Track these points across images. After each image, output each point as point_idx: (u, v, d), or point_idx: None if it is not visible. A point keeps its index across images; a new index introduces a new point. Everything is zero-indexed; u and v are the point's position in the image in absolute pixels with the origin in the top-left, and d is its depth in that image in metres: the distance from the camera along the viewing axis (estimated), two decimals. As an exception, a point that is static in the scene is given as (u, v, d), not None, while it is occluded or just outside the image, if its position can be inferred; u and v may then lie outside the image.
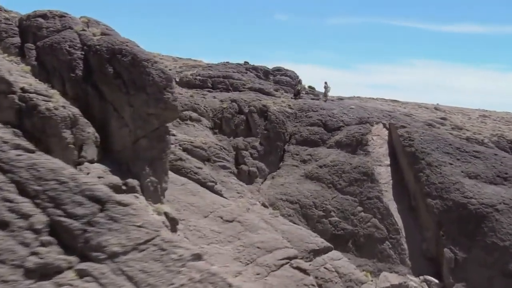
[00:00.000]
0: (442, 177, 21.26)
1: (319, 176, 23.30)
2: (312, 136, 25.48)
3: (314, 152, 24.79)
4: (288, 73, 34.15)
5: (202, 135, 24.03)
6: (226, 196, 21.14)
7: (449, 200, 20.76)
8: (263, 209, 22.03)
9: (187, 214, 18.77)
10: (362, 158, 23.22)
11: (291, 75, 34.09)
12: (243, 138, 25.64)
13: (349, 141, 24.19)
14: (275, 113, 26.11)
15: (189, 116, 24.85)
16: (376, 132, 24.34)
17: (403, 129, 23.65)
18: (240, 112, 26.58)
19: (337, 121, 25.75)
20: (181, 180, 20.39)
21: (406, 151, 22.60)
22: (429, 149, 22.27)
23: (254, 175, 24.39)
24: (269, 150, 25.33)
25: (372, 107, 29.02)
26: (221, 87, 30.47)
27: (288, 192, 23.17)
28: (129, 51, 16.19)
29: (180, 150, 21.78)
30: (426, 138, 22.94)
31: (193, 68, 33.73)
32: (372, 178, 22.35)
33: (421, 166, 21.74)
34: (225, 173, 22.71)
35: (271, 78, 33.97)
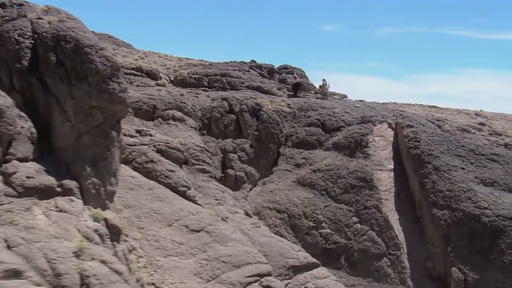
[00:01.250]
0: (451, 184, 18.65)
1: (312, 182, 21.16)
2: (308, 138, 23.38)
3: (309, 155, 22.69)
4: (295, 71, 32.16)
5: (184, 136, 22.43)
6: (201, 203, 19.39)
7: (458, 210, 18.13)
8: (245, 219, 20.13)
9: (148, 221, 17.17)
10: (360, 161, 20.90)
11: (298, 72, 32.07)
12: (232, 140, 23.89)
13: (347, 142, 21.93)
14: (268, 112, 24.19)
15: (171, 115, 23.35)
16: (379, 133, 21.94)
17: (409, 129, 21.16)
18: (230, 111, 24.87)
19: (337, 120, 23.51)
20: (149, 184, 18.86)
21: (411, 154, 20.12)
22: (437, 151, 19.69)
23: (242, 180, 22.54)
24: (260, 153, 23.44)
25: (382, 107, 26.57)
26: (217, 85, 28.87)
27: (277, 199, 21.17)
28: (73, 37, 14.86)
29: (153, 152, 20.27)
30: (435, 139, 20.36)
31: (194, 67, 32.38)
32: (371, 185, 19.99)
33: (427, 171, 19.20)
34: (204, 177, 20.97)
35: (276, 76, 32.09)
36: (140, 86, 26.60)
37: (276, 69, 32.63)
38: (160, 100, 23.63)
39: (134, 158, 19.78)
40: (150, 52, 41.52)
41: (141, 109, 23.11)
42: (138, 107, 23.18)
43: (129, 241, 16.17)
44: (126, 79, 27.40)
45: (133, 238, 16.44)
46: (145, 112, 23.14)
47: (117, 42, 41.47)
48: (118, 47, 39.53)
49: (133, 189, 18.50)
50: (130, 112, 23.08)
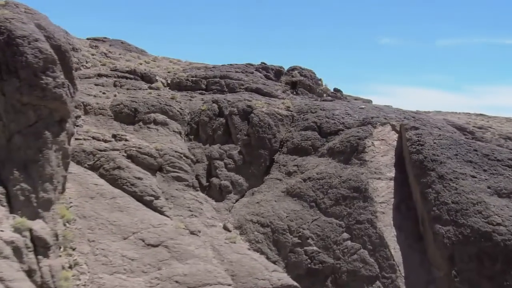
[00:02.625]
0: (458, 195, 16.14)
1: (301, 193, 19.19)
2: (303, 143, 21.44)
3: (302, 162, 20.73)
4: (304, 72, 30.24)
5: (164, 141, 21.13)
6: (169, 214, 17.95)
7: (466, 227, 15.59)
8: (221, 233, 18.43)
9: (101, 234, 15.85)
10: (355, 169, 18.71)
11: (307, 74, 30.13)
12: (220, 146, 22.33)
13: (343, 147, 19.81)
14: (259, 115, 22.46)
15: (153, 119, 22.14)
16: (380, 136, 19.67)
17: (413, 131, 18.78)
18: (220, 114, 23.38)
19: (336, 123, 21.42)
20: (113, 193, 17.62)
21: (412, 159, 17.75)
22: (444, 157, 17.21)
23: (226, 190, 20.88)
24: (249, 160, 21.71)
25: (393, 108, 24.21)
26: (215, 88, 27.49)
27: (261, 212, 19.32)
28: (8, 28, 13.93)
29: (123, 158, 19.07)
30: (443, 142, 17.88)
31: (196, 70, 31.23)
32: (365, 196, 17.77)
33: (430, 180, 16.77)
34: (180, 186, 19.49)
35: (283, 78, 30.35)
36: (131, 89, 25.65)
37: (284, 71, 30.84)
38: (143, 103, 22.51)
39: (102, 165, 18.64)
40: (162, 57, 40.92)
41: (121, 113, 22.06)
42: (119, 110, 22.13)
43: (73, 255, 14.94)
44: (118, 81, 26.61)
45: (80, 252, 15.17)
46: (126, 115, 22.08)
47: (128, 48, 41.19)
48: (127, 52, 39.15)
49: (93, 198, 17.30)
50: (110, 115, 22.13)
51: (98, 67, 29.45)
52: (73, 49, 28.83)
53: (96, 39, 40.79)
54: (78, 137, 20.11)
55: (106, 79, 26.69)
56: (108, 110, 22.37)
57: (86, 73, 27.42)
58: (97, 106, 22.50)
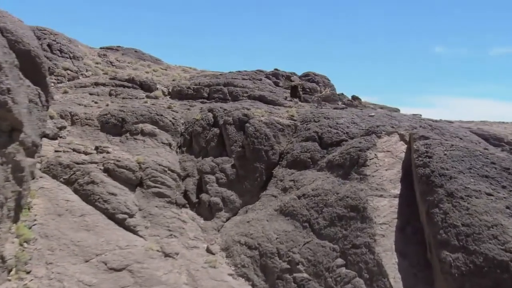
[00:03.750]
0: (470, 216, 14.06)
1: (294, 211, 17.56)
2: (302, 155, 19.83)
3: (299, 177, 19.11)
4: (316, 78, 28.63)
5: (149, 153, 20.05)
6: (144, 234, 16.74)
7: (478, 254, 13.49)
8: (202, 256, 17.02)
9: (61, 255, 14.81)
10: (354, 184, 16.91)
11: (320, 80, 28.48)
12: (213, 158, 21.05)
13: (342, 160, 18.05)
14: (255, 124, 21.03)
15: (140, 130, 21.14)
16: (385, 147, 17.78)
17: (421, 141, 16.81)
18: (214, 124, 22.15)
19: (338, 133, 19.68)
20: (83, 210, 16.63)
21: (418, 174, 15.79)
22: (454, 171, 15.17)
23: (216, 207, 19.53)
24: (243, 175, 20.30)
25: (407, 116, 22.20)
26: (217, 96, 26.35)
27: (250, 233, 17.82)
28: None
29: (100, 171, 18.08)
30: (455, 154, 15.83)
31: (203, 78, 30.24)
32: (363, 216, 15.93)
33: (437, 197, 14.77)
34: (161, 203, 18.29)
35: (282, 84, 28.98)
36: (126, 98, 24.88)
37: (294, 77, 29.32)
38: (131, 113, 21.59)
39: (77, 179, 17.73)
40: (177, 66, 40.37)
41: (108, 123, 21.20)
42: (105, 121, 21.28)
43: (25, 279, 13.93)
44: (114, 90, 25.92)
45: (34, 276, 14.14)
46: (112, 126, 21.23)
47: (142, 57, 40.95)
48: (140, 60, 38.81)
49: (61, 215, 16.34)
50: (96, 126, 21.32)
51: (99, 75, 28.96)
52: (73, 57, 28.54)
53: (109, 48, 40.82)
54: (59, 149, 19.37)
55: (102, 88, 26.07)
56: (95, 120, 21.58)
57: (83, 82, 26.92)
58: (84, 116, 21.77)
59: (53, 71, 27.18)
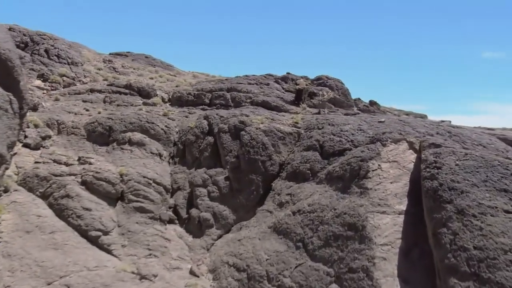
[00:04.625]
0: (484, 238, 12.40)
1: (288, 229, 16.21)
2: (301, 166, 18.47)
3: (297, 190, 17.76)
4: (329, 82, 27.16)
5: (135, 164, 19.13)
6: (119, 254, 15.75)
7: (493, 284, 11.82)
8: (183, 278, 15.86)
9: (22, 277, 13.97)
10: (354, 199, 15.43)
11: (332, 84, 27.01)
12: (206, 170, 19.94)
13: (342, 171, 16.60)
14: (252, 132, 19.81)
15: (128, 139, 20.27)
16: (390, 156, 16.23)
17: (430, 150, 15.21)
18: (209, 132, 21.08)
19: (341, 141, 18.22)
20: (54, 226, 15.82)
21: (425, 188, 14.20)
22: (466, 184, 13.52)
23: (207, 223, 18.39)
24: (237, 188, 19.09)
25: (424, 122, 20.53)
26: (219, 102, 25.30)
27: (240, 252, 16.58)
28: None
29: (76, 184, 17.24)
30: (468, 164, 14.16)
31: (207, 83, 29.31)
32: (362, 235, 14.42)
33: (445, 215, 13.16)
34: (142, 219, 17.27)
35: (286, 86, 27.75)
36: (121, 106, 24.16)
37: (305, 82, 27.99)
38: (120, 121, 20.76)
39: (52, 192, 16.96)
40: (188, 72, 39.75)
41: (94, 132, 20.41)
42: (92, 129, 20.52)
43: (-22, 304, 13.12)
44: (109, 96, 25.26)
45: (-11, 300, 13.32)
46: (99, 135, 20.45)
47: (152, 63, 40.56)
48: (150, 66, 38.34)
49: (30, 232, 15.54)
50: (83, 135, 20.58)
51: (98, 82, 28.41)
52: (71, 63, 28.13)
53: (118, 53, 40.65)
54: (39, 160, 18.69)
55: (97, 95, 25.46)
56: (81, 129, 20.86)
57: (77, 88, 26.39)
58: (71, 125, 21.09)
59: (47, 77, 26.80)
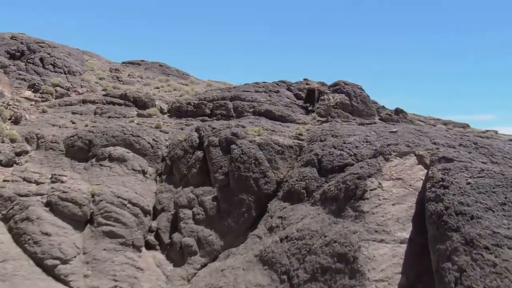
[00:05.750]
0: (498, 277, 10.40)
1: (273, 259, 14.60)
2: (297, 184, 16.84)
3: (289, 213, 16.14)
4: (346, 88, 25.28)
5: (112, 183, 18.03)
6: (79, 285, 14.53)
7: (507, 336, 9.84)
8: (150, 315, 14.46)
9: (-42, 314, 12.98)
10: (347, 225, 13.64)
11: (350, 90, 25.13)
12: (193, 188, 18.62)
13: (336, 191, 14.85)
14: (244, 145, 18.35)
15: (108, 154, 19.22)
16: (394, 173, 14.34)
17: (440, 165, 13.28)
18: (199, 146, 19.77)
19: (342, 155, 16.46)
20: (7, 254, 14.95)
21: (429, 211, 12.29)
22: (478, 207, 11.52)
23: (189, 250, 17.04)
24: (226, 209, 17.65)
25: (448, 133, 18.48)
26: (220, 113, 23.98)
27: (220, 285, 15.08)
28: None
29: (41, 205, 16.27)
30: (483, 183, 12.14)
31: (214, 91, 28.13)
32: (353, 269, 12.62)
33: (450, 246, 11.21)
34: (111, 245, 16.07)
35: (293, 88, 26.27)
36: (113, 117, 23.28)
37: (320, 88, 26.27)
38: (101, 134, 19.80)
39: (14, 214, 16.03)
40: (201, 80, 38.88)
41: (73, 146, 19.51)
42: (71, 144, 19.64)
43: None
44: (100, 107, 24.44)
45: None
46: (78, 149, 19.56)
47: (167, 71, 39.90)
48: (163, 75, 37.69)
49: (-20, 260, 14.58)
50: (61, 150, 19.72)
51: (95, 92, 27.74)
52: (68, 72, 27.62)
53: (131, 62, 40.31)
54: (8, 178, 17.87)
55: (90, 106, 24.73)
56: (61, 143, 20.01)
57: (69, 99, 25.74)
58: (50, 139, 20.30)
59: (38, 87, 26.32)
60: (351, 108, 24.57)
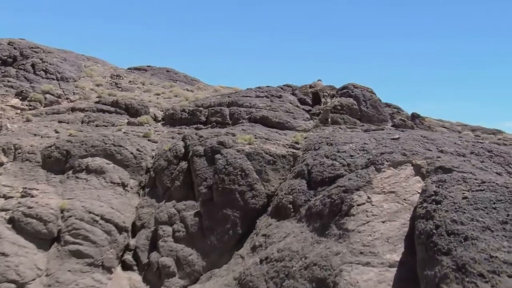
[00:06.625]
0: (491, 310, 9.16)
1: (250, 282, 13.59)
2: (285, 199, 15.79)
3: (274, 230, 15.11)
4: (355, 92, 24.04)
5: (86, 197, 17.33)
6: (35, 312, 13.75)
7: None
8: None
9: None
10: (330, 244, 12.51)
11: (359, 94, 23.88)
12: (175, 203, 17.79)
13: (321, 206, 13.74)
14: (229, 155, 17.42)
15: (85, 166, 18.57)
16: (386, 185, 13.14)
17: (435, 176, 12.07)
18: (184, 156, 18.94)
19: (334, 165, 15.33)
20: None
21: (418, 230, 11.10)
22: (474, 226, 10.26)
23: (166, 271, 16.18)
24: (209, 226, 16.72)
25: (455, 140, 17.16)
26: (215, 120, 23.15)
27: (194, 312, 14.12)
28: None
29: (4, 222, 15.65)
30: (482, 196, 10.87)
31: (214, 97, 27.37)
32: (332, 297, 11.48)
33: (439, 272, 9.98)
34: (78, 265, 15.33)
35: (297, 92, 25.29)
36: (100, 126, 22.71)
37: (328, 92, 25.15)
38: (80, 144, 19.21)
39: (-24, 232, 15.39)
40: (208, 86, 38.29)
41: (50, 157, 18.95)
42: (48, 155, 19.09)
43: None
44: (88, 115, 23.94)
45: None
46: (55, 160, 19.01)
47: (174, 77, 39.52)
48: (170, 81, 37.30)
49: None
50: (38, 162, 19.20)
51: (88, 99, 27.31)
52: (60, 79, 27.33)
53: (137, 68, 40.14)
54: (-24, 192, 17.35)
55: (79, 114, 24.28)
56: (38, 154, 19.48)
57: (57, 108, 25.34)
58: (27, 150, 19.79)
59: (26, 95, 26.02)
60: (360, 114, 23.36)
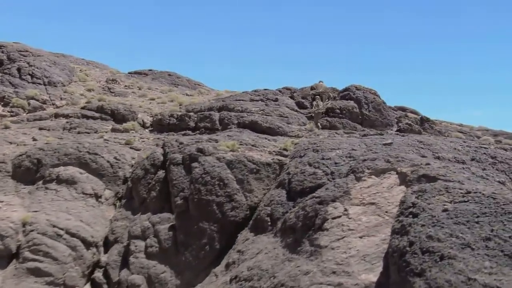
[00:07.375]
0: None
1: (218, 305, 12.77)
2: (263, 211, 14.99)
3: (249, 245, 14.33)
4: (357, 94, 23.07)
5: (54, 209, 16.79)
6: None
7: None
8: None
9: None
10: (301, 263, 11.64)
11: (361, 97, 22.90)
12: (150, 215, 17.12)
13: (295, 219, 12.89)
14: (207, 163, 16.69)
15: (56, 176, 18.03)
16: (366, 196, 12.20)
17: (417, 186, 11.14)
18: (162, 165, 18.29)
19: (316, 174, 14.46)
20: None
21: (391, 248, 10.16)
22: (452, 243, 9.29)
23: (135, 291, 15.40)
24: (184, 240, 15.99)
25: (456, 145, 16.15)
26: (203, 126, 22.49)
27: (159, 336, 13.37)
28: None
29: (-40, 236, 15.13)
30: (465, 209, 9.89)
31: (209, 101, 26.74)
32: (298, 323, 10.60)
33: (410, 298, 9.06)
34: (37, 284, 14.72)
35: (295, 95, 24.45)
36: (82, 133, 22.25)
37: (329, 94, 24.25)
38: (52, 152, 18.73)
39: None
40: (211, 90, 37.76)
41: (20, 167, 18.47)
42: (18, 164, 18.62)
43: None
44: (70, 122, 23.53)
45: None
46: (25, 170, 18.54)
47: (176, 81, 39.12)
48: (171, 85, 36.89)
49: None
50: (8, 171, 18.76)
51: (76, 105, 26.93)
52: (48, 84, 27.05)
53: (138, 72, 39.93)
54: None
55: (61, 120, 23.88)
56: (9, 164, 19.04)
57: (40, 114, 24.98)
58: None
59: (8, 101, 25.73)
60: (361, 118, 22.42)
